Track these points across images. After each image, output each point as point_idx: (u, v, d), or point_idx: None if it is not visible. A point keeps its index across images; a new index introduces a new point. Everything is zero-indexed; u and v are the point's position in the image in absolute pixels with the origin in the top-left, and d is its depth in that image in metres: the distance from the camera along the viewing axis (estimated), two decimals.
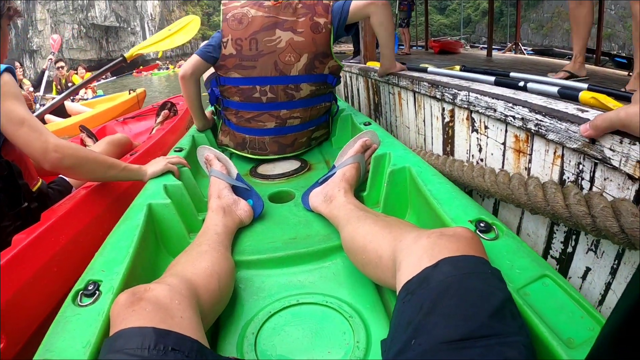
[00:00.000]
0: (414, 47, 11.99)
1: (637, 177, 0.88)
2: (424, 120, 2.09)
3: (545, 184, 1.15)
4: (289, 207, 1.59)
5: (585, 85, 1.73)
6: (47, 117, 5.31)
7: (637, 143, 0.86)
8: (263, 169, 2.01)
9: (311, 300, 1.09)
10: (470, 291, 0.68)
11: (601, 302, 1.16)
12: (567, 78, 2.21)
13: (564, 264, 1.27)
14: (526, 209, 1.24)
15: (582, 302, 0.77)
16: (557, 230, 1.26)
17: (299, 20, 2.01)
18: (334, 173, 1.52)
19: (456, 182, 1.53)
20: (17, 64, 6.27)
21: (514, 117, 1.30)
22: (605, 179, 1.01)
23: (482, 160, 1.58)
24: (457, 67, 2.45)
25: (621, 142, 0.91)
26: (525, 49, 8.96)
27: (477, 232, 1.01)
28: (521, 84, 1.55)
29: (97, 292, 0.95)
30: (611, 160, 0.94)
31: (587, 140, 1.01)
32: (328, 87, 2.17)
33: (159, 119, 3.31)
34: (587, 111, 1.06)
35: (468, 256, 0.74)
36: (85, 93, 10.94)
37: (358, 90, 3.47)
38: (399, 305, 0.75)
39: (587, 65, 2.42)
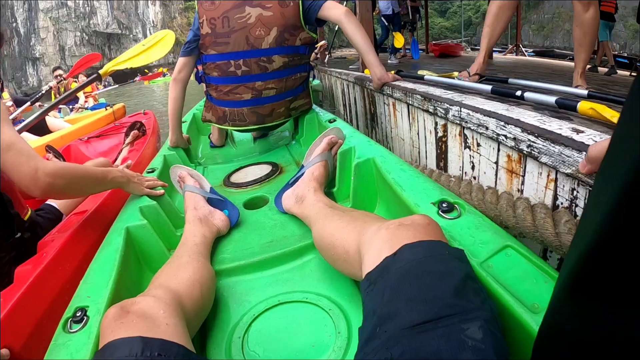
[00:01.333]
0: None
1: None
2: (417, 133, 2.06)
3: (534, 207, 1.12)
4: (263, 212, 1.62)
5: (585, 92, 1.67)
6: (25, 135, 5.05)
7: None
8: (236, 178, 2.04)
9: (291, 299, 1.12)
10: (428, 274, 0.69)
11: None
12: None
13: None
14: (515, 232, 1.21)
15: (545, 267, 0.78)
16: (550, 256, 1.20)
17: None
18: (303, 173, 1.54)
19: None
20: None
21: (505, 137, 1.27)
22: None
23: (474, 178, 1.55)
24: (456, 74, 2.42)
25: None
26: (526, 51, 8.92)
27: (440, 212, 1.03)
28: (518, 93, 1.52)
29: (85, 317, 0.97)
30: None
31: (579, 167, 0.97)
32: (302, 58, 2.25)
33: (129, 139, 3.23)
34: (582, 132, 1.02)
35: (425, 241, 0.75)
36: (86, 102, 10.93)
37: (355, 99, 3.44)
38: (363, 296, 0.78)
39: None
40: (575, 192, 1.03)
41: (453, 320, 0.62)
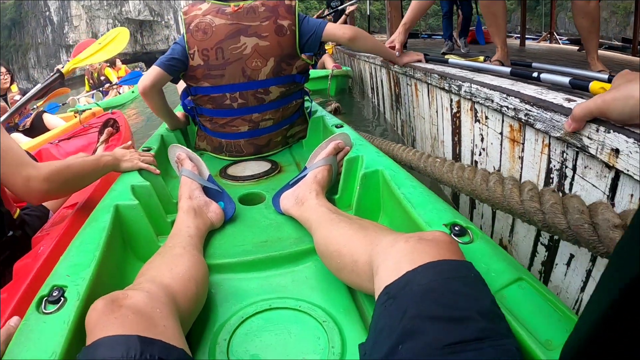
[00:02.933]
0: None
1: (611, 165, 0.89)
2: (436, 111, 2.14)
3: (505, 180, 1.16)
4: (259, 210, 1.57)
5: (605, 76, 1.74)
6: (16, 136, 4.81)
7: (612, 131, 0.87)
8: (233, 170, 2.00)
9: (284, 305, 1.07)
10: (455, 294, 0.67)
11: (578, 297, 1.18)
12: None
13: (548, 259, 1.30)
14: (488, 205, 1.25)
15: (559, 304, 0.77)
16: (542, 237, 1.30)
17: (263, 24, 2.00)
18: (305, 175, 1.50)
19: (432, 179, 1.58)
20: (2, 68, 5.68)
21: (507, 107, 1.34)
22: (585, 167, 1.04)
23: (484, 149, 1.63)
24: (481, 58, 2.47)
25: (597, 131, 0.92)
26: (560, 39, 8.72)
27: (452, 235, 0.98)
28: (535, 74, 1.56)
29: (62, 298, 0.92)
30: (589, 149, 0.96)
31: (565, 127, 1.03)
32: (298, 86, 2.18)
33: (103, 136, 3.13)
34: (574, 100, 1.08)
35: (450, 260, 0.73)
36: (121, 87, 11.11)
37: (382, 81, 3.57)
38: (379, 310, 0.74)
39: (624, 56, 2.43)
40: (565, 155, 1.10)
41: (484, 344, 0.61)
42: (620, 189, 0.92)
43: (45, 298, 0.92)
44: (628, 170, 0.85)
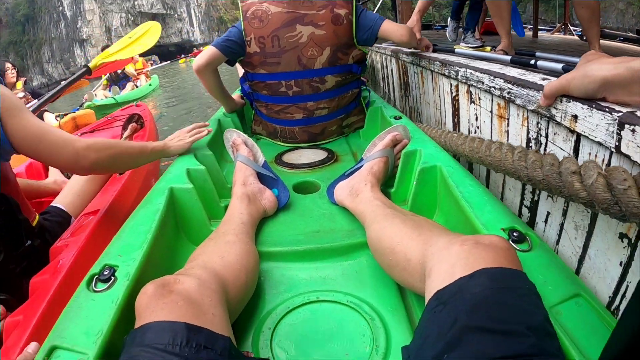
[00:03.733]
0: (459, 28, 11.68)
1: (573, 129, 1.00)
2: (439, 96, 2.22)
3: (502, 145, 1.24)
4: (313, 199, 1.55)
5: None
6: None
7: (571, 101, 0.98)
8: (289, 158, 1.99)
9: (331, 299, 1.05)
10: (509, 307, 0.65)
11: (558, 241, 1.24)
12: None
13: (532, 213, 1.39)
14: (492, 168, 1.32)
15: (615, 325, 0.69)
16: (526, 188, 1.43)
17: (319, 13, 2.01)
18: (362, 166, 1.48)
19: (450, 152, 1.57)
20: (7, 64, 5.72)
21: (494, 88, 1.44)
22: (554, 134, 1.14)
23: (478, 127, 1.74)
24: (488, 49, 2.55)
25: (561, 102, 1.02)
26: (574, 30, 8.60)
27: (510, 242, 0.97)
28: (532, 62, 1.62)
29: (112, 277, 0.94)
30: (555, 117, 1.06)
31: (540, 102, 1.13)
32: (354, 76, 2.18)
33: (127, 132, 3.03)
34: (548, 79, 1.16)
35: (506, 269, 0.71)
36: (138, 80, 11.16)
37: (392, 70, 3.61)
38: (428, 315, 0.72)
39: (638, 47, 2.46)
40: (539, 125, 1.22)
41: None
42: (582, 149, 1.02)
43: (97, 276, 0.94)
44: (584, 132, 0.94)
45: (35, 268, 1.35)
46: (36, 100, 4.82)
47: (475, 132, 1.76)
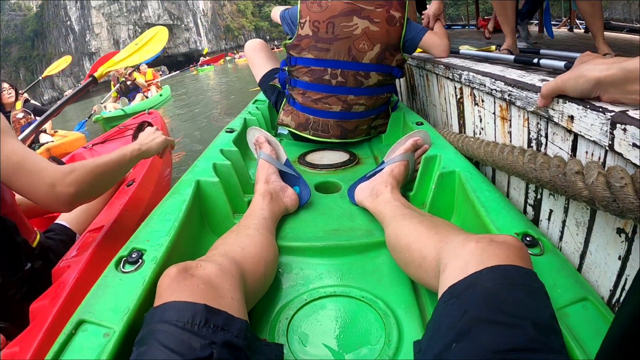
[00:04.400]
0: (466, 27, 11.63)
1: (570, 129, 1.02)
2: (445, 99, 2.23)
3: (514, 149, 1.31)
4: (334, 199, 1.59)
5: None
6: None
7: (567, 101, 1.01)
8: (311, 158, 2.03)
9: (347, 294, 1.09)
10: (518, 302, 0.67)
11: (561, 238, 1.26)
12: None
13: (537, 211, 1.40)
14: (505, 171, 1.38)
15: None
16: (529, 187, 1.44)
17: (377, 10, 2.05)
18: (383, 168, 1.52)
19: (466, 155, 1.63)
20: (4, 85, 5.42)
21: (496, 90, 1.45)
22: (553, 134, 1.17)
23: (482, 129, 1.75)
24: (493, 47, 2.56)
25: (558, 102, 1.05)
26: (581, 23, 8.58)
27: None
28: (535, 60, 1.65)
29: (140, 260, 0.99)
30: (554, 118, 1.09)
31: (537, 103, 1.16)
32: (393, 79, 2.22)
33: None
34: (547, 80, 1.18)
35: (517, 266, 0.73)
36: (149, 91, 11.18)
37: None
38: (440, 308, 0.74)
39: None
40: (539, 125, 1.25)
41: (537, 356, 0.61)
42: (579, 148, 1.05)
43: (125, 258, 0.99)
44: (581, 132, 0.97)
45: (38, 291, 1.29)
46: (36, 119, 4.59)
47: (480, 134, 1.80)
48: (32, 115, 5.58)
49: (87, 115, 8.35)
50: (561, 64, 1.49)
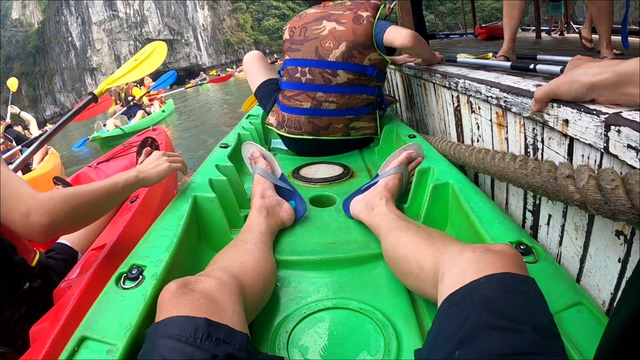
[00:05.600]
0: (463, 35, 11.66)
1: (565, 133, 1.03)
2: (442, 107, 2.24)
3: (505, 155, 1.29)
4: (329, 212, 1.60)
5: None
6: None
7: (561, 105, 1.01)
8: (305, 172, 2.05)
9: (346, 306, 1.10)
10: (517, 308, 0.68)
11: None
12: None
13: (535, 218, 1.41)
14: (496, 177, 1.37)
15: None
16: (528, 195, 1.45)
17: (344, 13, 2.22)
18: (377, 182, 1.53)
19: (460, 164, 1.65)
20: None
21: (492, 97, 1.46)
22: (549, 139, 1.17)
23: (480, 136, 1.76)
24: (490, 55, 2.55)
25: (552, 107, 1.06)
26: (577, 28, 8.65)
27: None
28: (531, 66, 1.64)
29: (140, 276, 0.99)
30: (549, 123, 1.09)
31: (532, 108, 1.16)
32: (370, 79, 2.25)
33: (142, 157, 2.84)
34: (540, 85, 1.20)
35: (514, 274, 0.74)
36: (152, 106, 10.86)
37: (397, 83, 3.66)
38: (441, 316, 0.75)
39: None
40: (535, 130, 1.26)
41: (538, 357, 0.62)
42: (575, 152, 1.06)
43: (125, 275, 1.00)
44: (576, 135, 0.98)
45: (38, 313, 1.23)
46: (17, 146, 4.49)
47: (477, 141, 1.82)
48: (14, 143, 5.49)
49: (91, 132, 8.20)
50: (557, 69, 1.50)
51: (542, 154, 1.26)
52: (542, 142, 1.24)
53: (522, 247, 1.08)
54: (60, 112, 58.01)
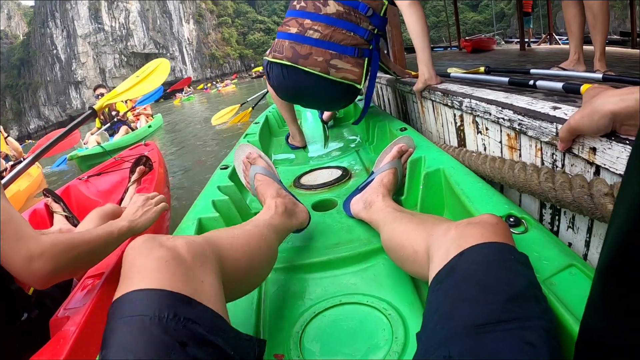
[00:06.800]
0: (447, 48, 11.79)
1: (591, 161, 1.02)
2: (442, 126, 2.19)
3: (527, 166, 1.29)
4: (331, 215, 1.64)
5: (599, 76, 1.80)
6: None
7: None
8: (306, 180, 2.10)
9: (353, 300, 1.13)
10: (492, 277, 0.69)
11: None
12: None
13: (554, 231, 1.38)
14: (515, 188, 1.36)
15: None
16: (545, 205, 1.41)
17: None
18: (373, 179, 1.56)
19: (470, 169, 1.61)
20: None
21: (503, 119, 1.43)
22: (572, 165, 1.15)
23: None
24: (482, 69, 2.54)
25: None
26: (560, 39, 8.81)
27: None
28: (531, 82, 1.64)
29: None
30: (573, 150, 1.07)
31: (554, 134, 1.14)
32: (361, 18, 2.18)
33: (135, 176, 2.89)
34: (559, 108, 1.18)
35: (492, 243, 0.76)
36: (138, 120, 10.28)
37: (389, 99, 3.59)
38: (429, 296, 0.77)
39: (623, 50, 2.44)
40: (554, 156, 1.22)
41: (512, 325, 0.62)
42: None
43: None
44: (605, 165, 0.96)
45: (35, 344, 1.18)
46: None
47: (482, 155, 1.73)
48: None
49: (71, 150, 7.82)
50: (559, 85, 1.50)
51: None
52: (563, 168, 1.22)
53: (511, 219, 1.09)
54: (44, 126, 57.57)
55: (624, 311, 0.43)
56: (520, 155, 1.44)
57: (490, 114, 1.55)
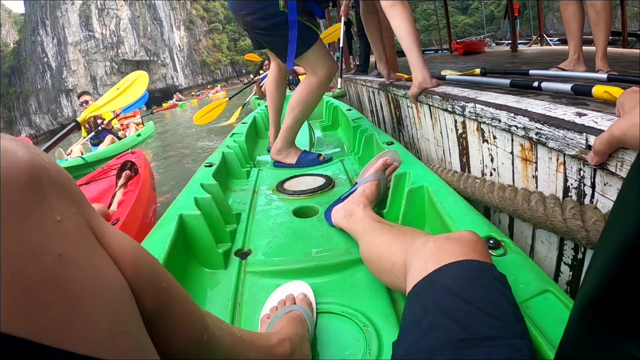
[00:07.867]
0: (438, 51, 11.84)
1: None
2: (440, 133, 2.08)
3: (546, 198, 1.18)
4: (312, 222, 1.65)
5: (604, 76, 1.70)
6: None
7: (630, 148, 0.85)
8: (289, 185, 2.10)
9: (328, 310, 1.14)
10: (474, 293, 0.70)
11: None
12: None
13: (575, 272, 1.26)
14: (531, 223, 1.29)
15: None
16: (566, 242, 1.26)
17: None
18: (356, 189, 1.57)
19: (472, 199, 1.60)
20: None
21: (516, 127, 1.29)
22: (605, 184, 1.00)
23: (494, 169, 1.58)
24: (478, 71, 2.49)
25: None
26: (550, 40, 8.94)
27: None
28: (535, 84, 1.56)
29: None
30: (608, 166, 0.93)
31: (584, 146, 0.99)
32: None
33: (121, 181, 3.09)
34: (585, 115, 1.03)
35: (473, 261, 0.76)
36: (127, 129, 10.33)
37: (380, 105, 3.48)
38: (406, 307, 0.77)
39: (614, 49, 2.41)
40: (582, 172, 1.06)
41: (497, 342, 0.62)
42: None
43: None
44: None
45: None
46: None
47: (491, 175, 1.64)
48: None
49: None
50: (567, 87, 1.42)
51: (591, 201, 1.08)
52: (593, 187, 1.06)
53: (491, 241, 1.10)
54: (35, 135, 57.43)
55: (603, 347, 0.43)
56: (536, 169, 1.29)
57: (499, 121, 1.40)
